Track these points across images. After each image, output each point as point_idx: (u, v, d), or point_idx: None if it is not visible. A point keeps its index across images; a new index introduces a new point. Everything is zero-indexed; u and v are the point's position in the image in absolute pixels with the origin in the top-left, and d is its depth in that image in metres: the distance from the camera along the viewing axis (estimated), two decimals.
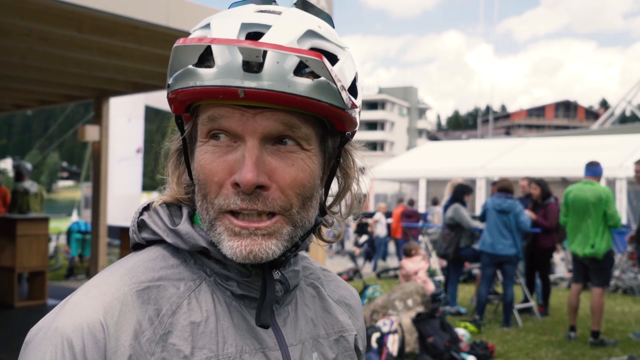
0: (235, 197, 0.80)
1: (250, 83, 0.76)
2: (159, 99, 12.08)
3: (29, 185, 9.84)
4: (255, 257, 0.81)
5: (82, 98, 9.24)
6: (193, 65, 0.78)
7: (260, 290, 0.87)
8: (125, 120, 12.17)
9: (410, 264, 8.39)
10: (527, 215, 7.94)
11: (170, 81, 0.82)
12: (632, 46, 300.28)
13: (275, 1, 0.88)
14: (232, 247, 0.81)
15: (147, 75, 7.48)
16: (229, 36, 0.78)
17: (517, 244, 7.81)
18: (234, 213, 0.81)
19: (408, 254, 8.69)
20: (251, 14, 0.81)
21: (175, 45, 0.79)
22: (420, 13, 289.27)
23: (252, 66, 0.76)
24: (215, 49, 0.77)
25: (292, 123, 0.81)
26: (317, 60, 0.76)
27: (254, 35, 0.79)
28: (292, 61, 0.76)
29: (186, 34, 4.44)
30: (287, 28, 0.79)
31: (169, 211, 0.90)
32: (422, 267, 8.38)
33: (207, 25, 0.82)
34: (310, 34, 0.81)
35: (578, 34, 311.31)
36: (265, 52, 0.75)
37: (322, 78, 0.78)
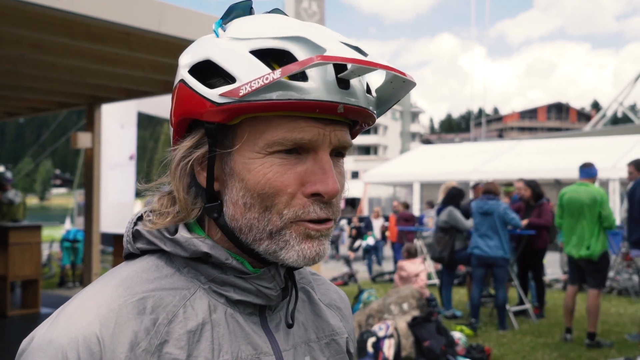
0: (315, 207, 0.83)
1: (348, 99, 0.80)
2: (152, 106, 12.06)
3: (13, 195, 9.80)
4: (319, 258, 0.85)
5: (74, 105, 9.20)
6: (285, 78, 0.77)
7: (289, 290, 0.92)
8: (118, 126, 12.16)
9: (412, 266, 8.37)
10: (514, 214, 7.94)
11: (247, 90, 0.77)
12: (625, 48, 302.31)
13: (278, 8, 0.90)
14: (304, 249, 0.83)
15: (139, 82, 7.45)
16: (344, 54, 0.77)
17: (504, 246, 7.81)
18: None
19: (410, 254, 8.68)
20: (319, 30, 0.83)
21: (317, 61, 0.74)
22: (413, 17, 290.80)
23: (343, 82, 0.80)
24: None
25: (349, 139, 0.87)
26: (412, 82, 0.84)
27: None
28: (365, 80, 0.84)
29: (178, 39, 4.39)
30: (369, 50, 0.84)
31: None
32: (423, 270, 8.35)
33: (299, 39, 0.79)
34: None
35: (572, 36, 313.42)
36: (370, 71, 0.79)
37: (373, 94, 0.85)
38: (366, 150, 79.68)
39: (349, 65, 0.77)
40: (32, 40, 5.61)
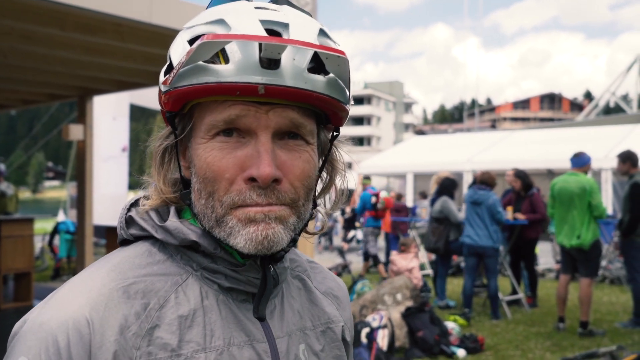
0: (251, 192, 0.81)
1: (270, 79, 0.77)
2: (144, 97, 12.00)
3: (5, 187, 9.76)
4: (269, 243, 0.82)
5: (66, 97, 9.15)
6: (203, 61, 0.78)
7: (260, 282, 0.89)
8: (110, 118, 12.09)
9: (403, 261, 8.35)
10: (500, 208, 7.95)
11: (172, 78, 0.81)
12: (618, 37, 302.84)
13: None
14: (249, 232, 0.81)
15: (131, 73, 7.41)
16: (252, 33, 0.78)
17: (492, 236, 7.84)
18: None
19: (405, 248, 8.66)
20: (260, 12, 0.82)
21: (201, 42, 0.78)
22: (407, 7, 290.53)
23: (270, 63, 0.77)
24: (231, 45, 0.77)
25: (300, 119, 0.83)
26: (342, 57, 0.81)
27: (272, 32, 0.79)
28: (307, 58, 0.79)
29: (169, 30, 4.36)
30: (304, 25, 0.81)
31: (156, 208, 0.91)
32: (415, 265, 8.35)
33: (219, 21, 0.80)
34: (322, 32, 0.84)
35: (565, 26, 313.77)
36: (284, 49, 0.76)
37: (332, 75, 0.81)
38: (359, 141, 79.72)
39: (263, 44, 0.77)
40: (22, 32, 5.56)
